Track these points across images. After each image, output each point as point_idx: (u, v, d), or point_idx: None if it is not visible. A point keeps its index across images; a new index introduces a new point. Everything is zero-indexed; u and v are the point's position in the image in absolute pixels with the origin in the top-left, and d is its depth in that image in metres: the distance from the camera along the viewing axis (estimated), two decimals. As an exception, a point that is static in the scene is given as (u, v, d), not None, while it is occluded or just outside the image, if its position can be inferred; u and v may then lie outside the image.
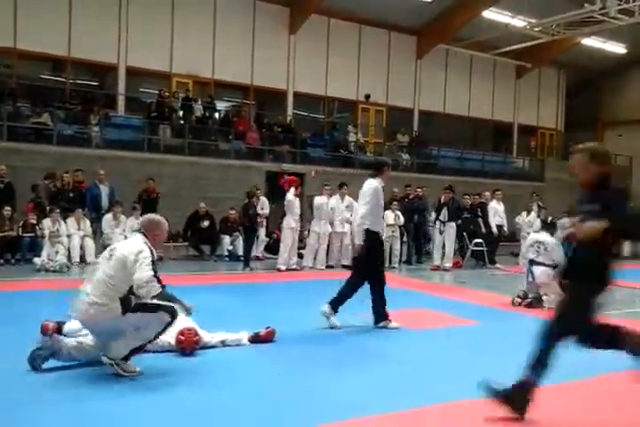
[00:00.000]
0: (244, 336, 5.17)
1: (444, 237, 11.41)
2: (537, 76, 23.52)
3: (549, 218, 8.85)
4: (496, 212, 12.32)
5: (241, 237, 12.18)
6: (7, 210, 10.27)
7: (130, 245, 4.26)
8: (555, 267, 7.30)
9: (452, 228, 11.45)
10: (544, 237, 7.70)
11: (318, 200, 11.13)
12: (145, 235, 4.33)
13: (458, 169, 19.12)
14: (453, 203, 11.52)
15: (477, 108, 22.07)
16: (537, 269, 7.50)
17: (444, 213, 11.45)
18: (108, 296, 4.07)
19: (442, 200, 11.58)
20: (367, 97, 19.85)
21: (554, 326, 3.42)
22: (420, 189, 12.73)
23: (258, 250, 12.26)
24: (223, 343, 4.92)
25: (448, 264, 11.50)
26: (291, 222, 10.69)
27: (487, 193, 13.02)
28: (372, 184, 6.20)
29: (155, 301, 4.13)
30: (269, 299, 7.53)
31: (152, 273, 4.06)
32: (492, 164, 20.95)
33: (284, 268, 10.57)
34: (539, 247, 7.58)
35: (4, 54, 14.61)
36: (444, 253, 11.56)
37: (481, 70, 22.00)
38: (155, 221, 4.49)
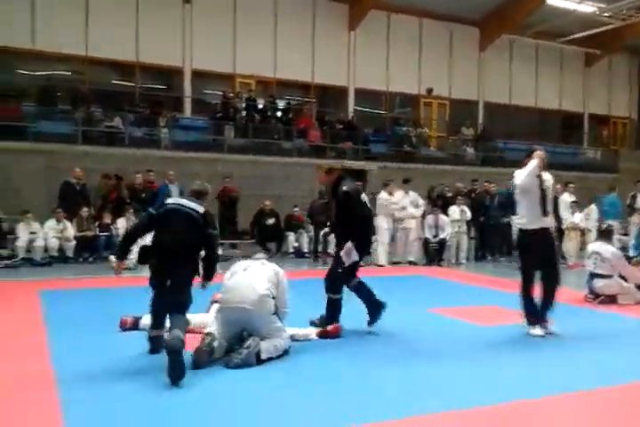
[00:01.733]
0: (312, 332, 5.25)
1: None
2: (607, 63, 22.57)
3: (604, 225, 8.49)
4: (567, 206, 11.89)
5: (305, 234, 12.31)
6: (85, 211, 10.76)
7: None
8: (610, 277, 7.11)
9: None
10: (600, 246, 7.42)
11: (380, 196, 11.07)
12: None
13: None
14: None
15: (545, 99, 21.40)
16: (598, 283, 7.25)
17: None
18: None
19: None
20: (429, 91, 19.59)
21: None
22: (488, 184, 12.35)
23: (330, 246, 12.37)
24: (292, 338, 5.00)
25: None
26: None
27: (558, 186, 12.60)
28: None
29: None
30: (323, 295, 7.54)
31: None
32: (561, 155, 20.21)
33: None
34: (596, 259, 7.32)
35: (76, 62, 15.28)
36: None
37: (547, 59, 21.31)
38: None
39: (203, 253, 4.66)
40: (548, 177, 5.57)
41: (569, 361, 4.70)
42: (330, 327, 5.29)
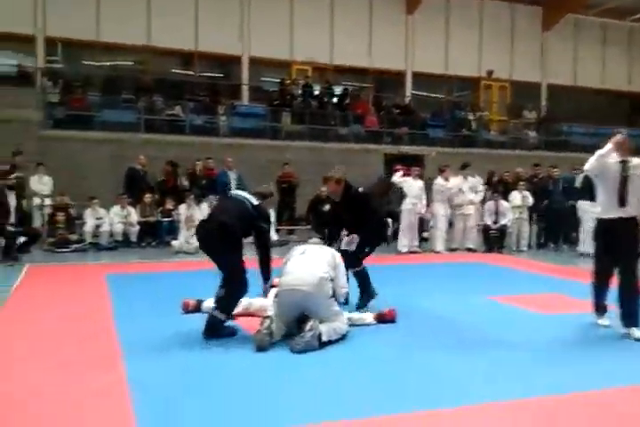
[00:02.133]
0: (368, 316, 5.27)
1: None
2: (680, 40, 21.40)
3: None
4: None
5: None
6: (148, 197, 11.08)
7: None
8: None
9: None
10: None
11: (437, 182, 10.91)
12: None
13: (590, 146, 17.81)
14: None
15: (612, 80, 20.50)
16: None
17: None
18: None
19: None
20: (490, 73, 19.09)
21: None
22: (551, 169, 11.90)
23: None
24: (350, 321, 5.03)
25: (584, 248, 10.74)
26: (407, 204, 10.59)
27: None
28: None
29: None
30: (386, 281, 7.53)
31: None
32: (629, 139, 19.38)
33: (405, 250, 10.53)
34: None
35: (138, 52, 15.67)
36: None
37: (615, 39, 20.39)
38: None
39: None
40: (637, 163, 5.15)
41: (628, 352, 4.54)
42: (386, 311, 5.30)
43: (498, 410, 3.35)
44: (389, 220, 6.40)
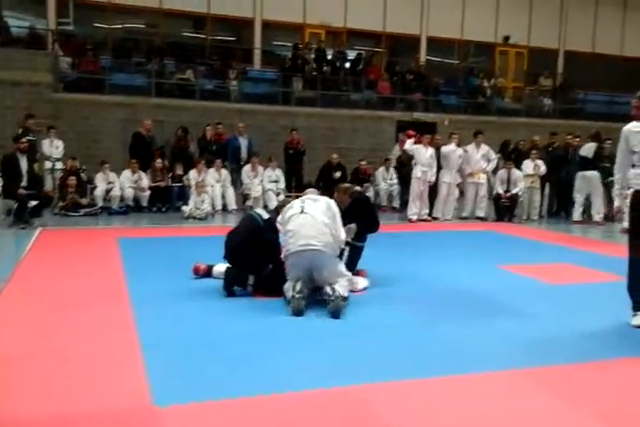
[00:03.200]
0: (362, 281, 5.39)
1: (589, 188, 10.59)
2: None
3: None
4: None
5: (372, 188, 12.26)
6: (159, 162, 11.07)
7: None
8: None
9: (597, 178, 10.57)
10: None
11: (445, 149, 10.78)
12: None
13: (607, 114, 17.59)
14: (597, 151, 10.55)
15: (632, 47, 19.93)
16: None
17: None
18: None
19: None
20: (506, 39, 18.66)
21: None
22: (571, 137, 11.62)
23: (395, 201, 12.39)
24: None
25: (598, 217, 10.68)
26: (417, 172, 10.52)
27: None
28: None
29: None
30: (395, 249, 7.54)
31: None
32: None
33: (414, 218, 10.52)
34: None
35: (150, 14, 15.43)
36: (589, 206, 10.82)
37: (636, 4, 19.77)
38: None
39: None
40: None
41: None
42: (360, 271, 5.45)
43: (507, 378, 3.38)
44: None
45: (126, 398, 2.98)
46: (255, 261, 5.04)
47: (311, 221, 4.71)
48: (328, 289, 4.55)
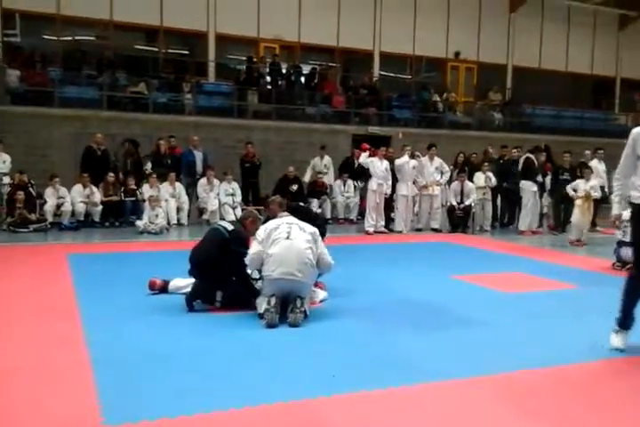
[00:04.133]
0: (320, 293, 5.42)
1: (531, 199, 10.91)
2: (643, 25, 21.74)
3: None
4: (597, 172, 11.56)
5: (329, 201, 12.31)
6: (111, 176, 10.85)
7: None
8: None
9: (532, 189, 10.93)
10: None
11: (398, 162, 10.91)
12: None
13: (554, 128, 18.20)
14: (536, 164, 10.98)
15: (576, 63, 20.77)
16: (625, 251, 7.09)
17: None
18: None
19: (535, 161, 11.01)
20: (457, 54, 19.15)
21: None
22: (515, 150, 12.02)
23: (353, 213, 12.46)
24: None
25: (540, 228, 11.14)
26: (373, 185, 10.63)
27: (587, 152, 12.34)
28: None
29: None
30: (351, 261, 7.57)
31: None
32: (591, 121, 19.78)
33: (371, 230, 10.60)
34: (625, 226, 7.13)
35: (101, 26, 15.21)
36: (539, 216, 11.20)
37: (580, 22, 20.61)
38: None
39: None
40: None
41: (589, 330, 4.66)
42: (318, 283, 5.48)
43: (462, 387, 3.41)
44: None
45: (76, 417, 2.88)
46: (222, 275, 4.98)
47: (296, 250, 4.71)
48: (298, 301, 4.60)
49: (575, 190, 9.87)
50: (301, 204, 6.02)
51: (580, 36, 20.70)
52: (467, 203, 10.89)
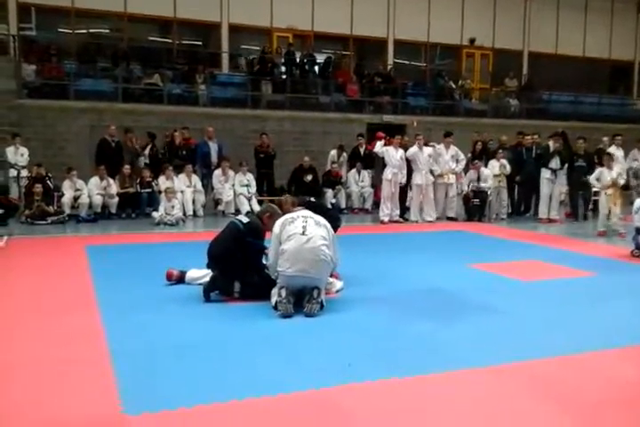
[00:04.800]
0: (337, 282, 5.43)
1: (554, 186, 10.78)
2: (662, 8, 21.32)
3: None
4: (616, 159, 11.35)
5: (343, 190, 12.28)
6: (127, 168, 10.92)
7: None
8: None
9: (562, 176, 10.79)
10: None
11: (411, 151, 10.82)
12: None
13: (571, 114, 17.94)
14: (564, 150, 10.78)
15: (593, 48, 20.42)
16: None
17: (556, 162, 10.76)
18: None
19: (551, 147, 10.88)
20: (472, 41, 18.92)
21: None
22: (530, 137, 11.86)
23: (367, 203, 12.44)
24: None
25: (557, 215, 10.93)
26: (388, 174, 10.57)
27: (605, 138, 12.17)
28: None
29: None
30: (368, 250, 7.58)
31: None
32: (609, 107, 19.48)
33: (386, 219, 10.56)
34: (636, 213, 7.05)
35: (115, 18, 15.25)
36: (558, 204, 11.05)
37: (597, 5, 20.24)
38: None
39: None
40: None
41: (607, 318, 4.63)
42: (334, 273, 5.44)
43: (482, 375, 3.40)
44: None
45: (97, 407, 2.92)
46: (239, 267, 5.00)
47: (310, 246, 4.67)
48: (314, 291, 4.60)
49: (598, 179, 9.42)
50: (313, 199, 5.93)
51: (597, 20, 20.34)
52: (482, 185, 10.79)
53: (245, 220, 5.18)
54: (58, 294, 5.20)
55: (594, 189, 10.66)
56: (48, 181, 10.45)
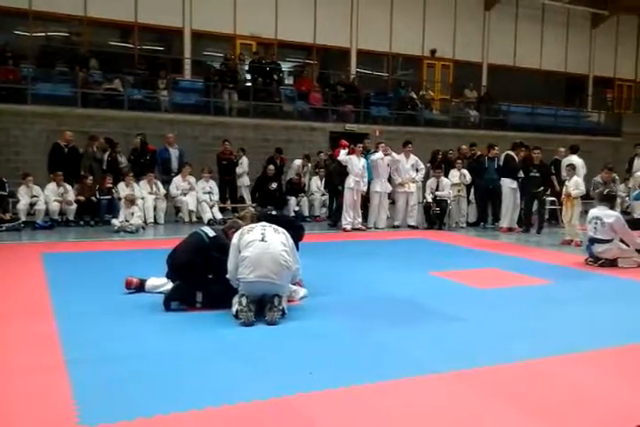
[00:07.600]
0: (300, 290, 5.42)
1: (510, 196, 10.99)
2: (614, 24, 22.11)
3: (606, 190, 8.16)
4: (578, 168, 11.43)
5: (306, 198, 12.30)
6: (90, 179, 10.67)
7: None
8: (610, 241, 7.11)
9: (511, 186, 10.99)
10: (601, 211, 7.35)
11: (373, 157, 10.95)
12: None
13: (528, 125, 18.44)
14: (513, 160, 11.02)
15: (550, 61, 21.05)
16: (598, 248, 7.24)
17: (520, 172, 10.95)
18: None
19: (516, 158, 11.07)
20: (433, 52, 19.28)
21: None
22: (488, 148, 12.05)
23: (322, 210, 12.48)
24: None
25: (513, 225, 11.12)
26: (350, 182, 10.65)
27: (562, 149, 12.49)
28: None
29: None
30: (329, 258, 7.60)
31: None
32: (564, 119, 20.09)
33: (348, 227, 10.62)
34: (596, 223, 7.28)
35: (75, 22, 14.99)
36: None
37: (554, 20, 20.89)
38: None
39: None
40: None
41: (564, 324, 4.75)
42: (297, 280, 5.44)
43: (442, 381, 3.44)
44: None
45: (52, 417, 2.85)
46: (202, 279, 4.97)
47: (270, 252, 4.66)
48: (275, 299, 4.58)
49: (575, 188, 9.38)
50: (274, 212, 5.90)
51: (553, 34, 20.98)
52: (440, 193, 10.95)
53: (212, 233, 5.13)
54: (12, 302, 5.06)
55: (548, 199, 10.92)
56: (2, 187, 10.16)
